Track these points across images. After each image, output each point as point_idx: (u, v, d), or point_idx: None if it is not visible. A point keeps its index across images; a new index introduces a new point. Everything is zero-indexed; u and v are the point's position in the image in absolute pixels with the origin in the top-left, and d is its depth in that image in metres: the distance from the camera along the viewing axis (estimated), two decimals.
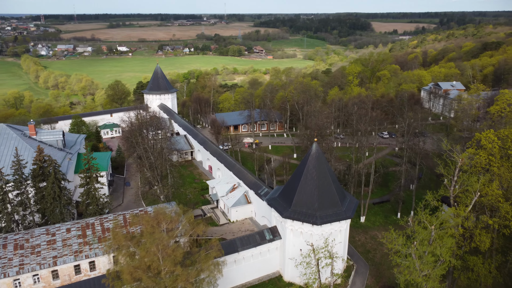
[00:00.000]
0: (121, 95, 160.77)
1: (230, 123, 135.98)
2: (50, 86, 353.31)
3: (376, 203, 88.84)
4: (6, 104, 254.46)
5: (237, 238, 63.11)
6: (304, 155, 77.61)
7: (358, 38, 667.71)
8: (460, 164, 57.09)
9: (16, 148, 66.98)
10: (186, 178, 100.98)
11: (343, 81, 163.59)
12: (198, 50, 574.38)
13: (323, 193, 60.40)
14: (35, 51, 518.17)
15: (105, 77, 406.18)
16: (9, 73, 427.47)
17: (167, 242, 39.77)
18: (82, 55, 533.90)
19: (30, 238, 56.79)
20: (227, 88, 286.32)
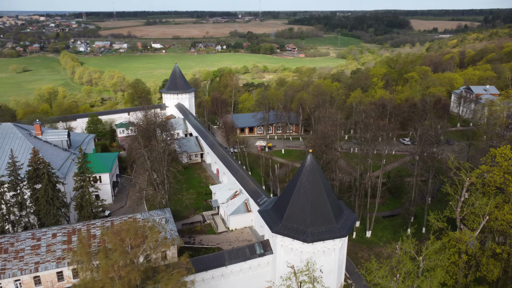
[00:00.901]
0: (141, 94, 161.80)
1: (244, 124, 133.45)
2: (84, 81, 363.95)
3: (386, 216, 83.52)
4: (41, 98, 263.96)
5: (225, 251, 60.46)
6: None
7: (395, 37, 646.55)
8: (468, 184, 51.59)
9: (12, 149, 67.38)
10: (192, 181, 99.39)
11: (366, 83, 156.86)
12: (230, 47, 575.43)
13: (316, 208, 56.55)
14: (74, 47, 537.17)
15: (138, 74, 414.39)
16: (48, 69, 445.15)
17: (125, 262, 37.66)
18: (118, 51, 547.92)
19: (15, 242, 56.59)
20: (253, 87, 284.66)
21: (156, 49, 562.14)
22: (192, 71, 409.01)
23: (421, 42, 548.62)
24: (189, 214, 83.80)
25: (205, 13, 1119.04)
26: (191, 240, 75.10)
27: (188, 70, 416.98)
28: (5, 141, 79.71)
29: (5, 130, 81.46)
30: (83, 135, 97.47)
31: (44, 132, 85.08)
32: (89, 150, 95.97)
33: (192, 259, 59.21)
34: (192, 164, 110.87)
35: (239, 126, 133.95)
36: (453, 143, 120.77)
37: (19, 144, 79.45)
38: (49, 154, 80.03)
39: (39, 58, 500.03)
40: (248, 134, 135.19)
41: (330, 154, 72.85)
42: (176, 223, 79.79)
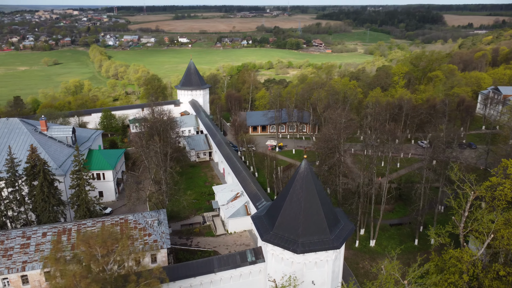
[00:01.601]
0: (156, 89, 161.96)
1: (257, 123, 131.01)
2: (110, 75, 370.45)
3: (394, 224, 79.39)
4: (67, 91, 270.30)
5: (215, 258, 58.51)
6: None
7: (427, 32, 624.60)
8: (472, 198, 47.42)
9: (10, 146, 67.77)
10: (198, 180, 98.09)
11: (387, 82, 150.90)
12: (256, 42, 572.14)
13: (309, 217, 53.67)
14: (103, 41, 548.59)
15: (163, 68, 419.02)
16: (78, 62, 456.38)
17: (85, 272, 36.25)
18: (145, 45, 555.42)
19: (5, 240, 56.66)
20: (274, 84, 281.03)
21: (182, 43, 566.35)
22: (216, 66, 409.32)
23: (454, 38, 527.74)
24: (190, 215, 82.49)
25: (234, 7, 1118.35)
26: (188, 242, 73.77)
27: (213, 65, 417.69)
28: (11, 136, 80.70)
29: (12, 125, 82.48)
30: (90, 131, 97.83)
31: (50, 128, 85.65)
32: (96, 147, 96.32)
33: (180, 265, 57.96)
34: (200, 162, 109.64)
35: (251, 124, 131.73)
36: (475, 147, 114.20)
37: (24, 139, 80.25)
38: (53, 150, 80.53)
39: (69, 52, 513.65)
40: (261, 132, 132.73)
41: (333, 159, 69.48)
42: (175, 223, 78.93)
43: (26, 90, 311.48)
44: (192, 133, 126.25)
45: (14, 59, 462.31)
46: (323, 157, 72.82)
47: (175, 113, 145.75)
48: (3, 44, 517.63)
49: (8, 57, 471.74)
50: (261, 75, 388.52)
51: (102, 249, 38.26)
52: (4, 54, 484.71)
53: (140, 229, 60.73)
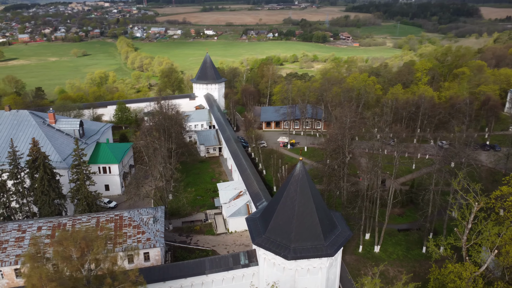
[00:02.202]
0: (173, 82, 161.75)
1: (271, 118, 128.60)
2: (136, 67, 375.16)
3: (402, 229, 75.76)
4: (93, 82, 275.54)
5: (207, 259, 57.24)
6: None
7: (461, 26, 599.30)
8: (477, 210, 43.85)
9: (12, 139, 68.49)
10: (205, 176, 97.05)
11: (409, 78, 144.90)
12: (282, 35, 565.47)
13: (302, 222, 51.41)
14: (131, 33, 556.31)
15: (188, 60, 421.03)
16: (105, 54, 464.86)
17: (53, 275, 35.41)
18: (172, 37, 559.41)
19: (1, 233, 57.30)
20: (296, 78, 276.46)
21: (208, 35, 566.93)
22: (240, 58, 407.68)
23: (490, 32, 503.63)
24: (192, 212, 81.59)
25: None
26: (188, 240, 72.87)
27: (237, 58, 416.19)
28: (19, 128, 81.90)
29: (21, 118, 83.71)
30: (100, 125, 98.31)
31: (58, 120, 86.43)
32: (106, 140, 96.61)
33: (171, 265, 57.09)
34: (209, 157, 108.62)
35: (265, 120, 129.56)
36: (499, 149, 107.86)
37: (32, 132, 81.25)
38: (59, 143, 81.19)
39: (98, 43, 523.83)
40: (274, 128, 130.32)
41: (337, 160, 66.58)
42: (176, 220, 78.24)
43: (55, 81, 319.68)
44: (205, 127, 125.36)
45: (45, 50, 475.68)
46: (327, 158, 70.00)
47: (190, 106, 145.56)
48: (36, 35, 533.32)
49: (40, 48, 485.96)
50: (285, 68, 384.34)
51: (77, 250, 37.44)
52: (36, 45, 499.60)
53: (134, 226, 60.18)
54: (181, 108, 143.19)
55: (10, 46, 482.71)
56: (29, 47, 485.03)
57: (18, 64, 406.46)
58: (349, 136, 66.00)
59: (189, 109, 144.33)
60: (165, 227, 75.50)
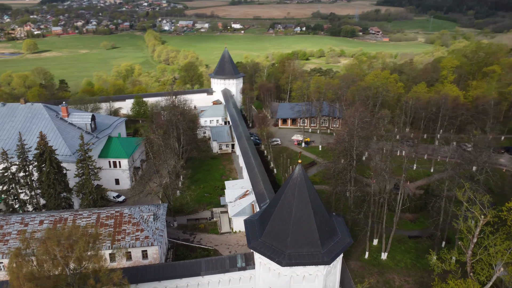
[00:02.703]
0: (192, 77, 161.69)
1: (286, 115, 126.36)
2: (162, 60, 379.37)
3: (413, 236, 72.47)
4: (119, 75, 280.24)
5: (203, 260, 56.38)
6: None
7: (499, 20, 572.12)
8: (483, 223, 40.80)
9: (20, 132, 69.64)
10: (214, 173, 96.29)
11: (434, 76, 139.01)
12: (309, 29, 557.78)
13: (299, 227, 49.57)
14: (159, 26, 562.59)
15: (213, 54, 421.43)
16: (133, 46, 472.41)
17: (30, 275, 35.20)
18: (199, 31, 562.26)
19: (5, 225, 58.36)
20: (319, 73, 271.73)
21: (235, 29, 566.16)
22: (265, 53, 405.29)
23: None
24: (199, 209, 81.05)
25: None
26: (191, 238, 72.36)
27: (262, 52, 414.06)
28: (33, 121, 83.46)
29: (35, 111, 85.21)
30: (113, 119, 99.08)
31: (71, 114, 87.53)
32: (119, 134, 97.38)
33: (167, 265, 56.56)
34: (222, 154, 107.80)
35: (281, 117, 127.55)
36: None
37: (44, 125, 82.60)
38: (70, 137, 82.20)
39: (127, 36, 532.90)
40: (290, 125, 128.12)
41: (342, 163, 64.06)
42: (182, 217, 77.87)
43: (84, 73, 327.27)
44: (220, 123, 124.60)
45: (77, 42, 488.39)
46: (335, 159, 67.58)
47: (208, 101, 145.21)
48: (69, 28, 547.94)
49: (72, 40, 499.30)
50: (311, 63, 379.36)
51: (60, 250, 37.21)
52: (68, 37, 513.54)
53: (134, 223, 60.00)
54: (196, 103, 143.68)
55: (44, 38, 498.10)
56: (61, 40, 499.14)
57: (50, 56, 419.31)
58: (357, 137, 63.21)
59: (207, 104, 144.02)
60: (170, 224, 75.52)
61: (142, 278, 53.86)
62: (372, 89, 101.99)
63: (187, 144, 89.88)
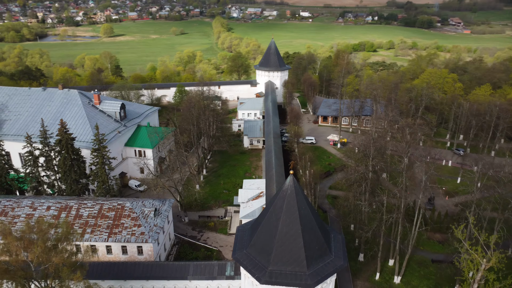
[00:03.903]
0: (239, 67, 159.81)
1: (327, 112, 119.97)
2: (225, 47, 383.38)
3: (437, 260, 64.58)
4: (181, 61, 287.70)
5: (192, 264, 54.69)
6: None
7: None
8: (485, 268, 34.12)
9: (42, 119, 72.63)
10: (239, 170, 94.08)
11: (503, 78, 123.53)
12: (382, 19, 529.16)
13: (285, 244, 45.61)
14: (228, 13, 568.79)
15: (277, 42, 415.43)
16: (201, 33, 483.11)
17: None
18: (266, 18, 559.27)
19: (16, 208, 61.27)
20: (383, 67, 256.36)
21: (303, 17, 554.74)
22: (331, 43, 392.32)
23: None
24: (213, 206, 79.66)
25: None
26: (199, 236, 71.27)
27: (327, 42, 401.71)
28: (67, 107, 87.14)
29: (70, 97, 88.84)
30: (146, 108, 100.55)
31: (102, 101, 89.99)
32: (152, 123, 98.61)
33: (155, 264, 55.55)
34: (252, 149, 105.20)
35: (321, 114, 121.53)
36: None
37: (76, 111, 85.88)
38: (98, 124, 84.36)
39: (197, 22, 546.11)
40: (331, 123, 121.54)
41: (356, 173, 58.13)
42: (193, 213, 77.00)
43: (151, 57, 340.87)
44: (258, 117, 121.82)
45: (149, 27, 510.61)
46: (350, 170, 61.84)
47: (251, 93, 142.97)
48: (144, 13, 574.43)
49: (145, 25, 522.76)
50: (378, 55, 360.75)
51: (18, 248, 37.47)
52: (142, 23, 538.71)
53: (132, 218, 59.94)
54: (240, 94, 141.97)
55: (121, 23, 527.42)
56: (135, 24, 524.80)
57: (123, 40, 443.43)
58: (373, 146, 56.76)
59: (250, 96, 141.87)
60: (182, 219, 75.08)
61: (130, 275, 53.67)
62: (416, 90, 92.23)
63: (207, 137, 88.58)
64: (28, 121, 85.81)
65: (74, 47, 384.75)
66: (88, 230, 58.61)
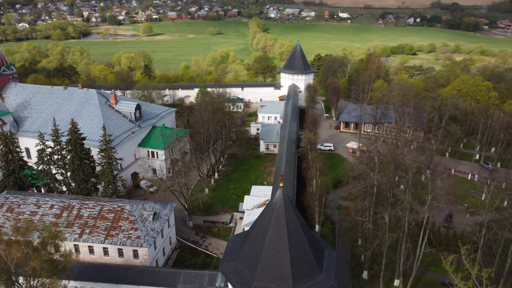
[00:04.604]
0: (264, 70, 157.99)
1: (349, 119, 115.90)
2: (259, 48, 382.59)
3: (446, 284, 59.94)
4: (214, 61, 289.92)
5: (183, 272, 53.78)
6: None
7: None
8: None
9: (54, 118, 74.20)
10: (251, 174, 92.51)
11: None
12: (424, 21, 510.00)
13: (271, 260, 43.58)
14: (265, 13, 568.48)
15: (313, 44, 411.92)
16: (237, 33, 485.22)
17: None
18: (304, 19, 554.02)
19: (22, 204, 62.82)
20: (420, 72, 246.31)
21: (341, 18, 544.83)
22: (368, 45, 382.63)
23: None
24: (220, 211, 78.63)
25: None
26: (201, 241, 70.44)
27: (365, 44, 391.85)
28: (84, 106, 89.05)
29: (88, 96, 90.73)
30: (163, 109, 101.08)
31: (119, 101, 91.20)
32: (167, 124, 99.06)
33: (146, 269, 55.02)
34: (267, 154, 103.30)
35: (343, 120, 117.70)
36: None
37: (92, 110, 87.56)
38: (112, 124, 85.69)
39: (234, 22, 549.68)
40: (353, 130, 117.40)
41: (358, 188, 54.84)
42: (198, 217, 76.34)
43: (186, 56, 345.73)
44: (279, 121, 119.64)
45: (187, 27, 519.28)
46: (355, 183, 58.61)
47: (274, 96, 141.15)
48: (183, 13, 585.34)
49: (183, 25, 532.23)
50: (417, 59, 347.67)
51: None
52: (181, 22, 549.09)
53: (130, 221, 59.88)
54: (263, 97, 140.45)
55: (160, 22, 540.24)
56: (174, 24, 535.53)
57: (161, 39, 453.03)
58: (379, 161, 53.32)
59: (273, 98, 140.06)
60: (187, 223, 74.58)
61: (123, 279, 53.55)
62: (440, 99, 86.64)
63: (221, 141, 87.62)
64: (48, 119, 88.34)
65: (114, 45, 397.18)
66: (86, 231, 59.13)
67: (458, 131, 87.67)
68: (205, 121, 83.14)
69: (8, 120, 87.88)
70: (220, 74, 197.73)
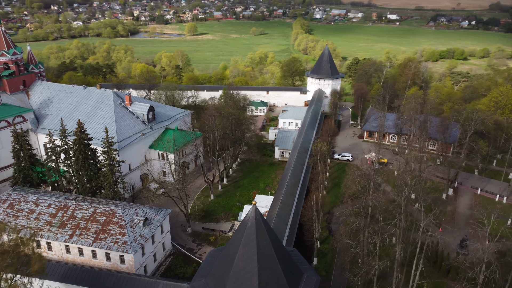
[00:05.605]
0: (292, 73, 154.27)
1: (369, 128, 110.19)
2: (301, 49, 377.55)
3: None
4: (252, 62, 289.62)
5: (162, 282, 52.47)
6: None
7: None
8: None
9: (62, 118, 75.73)
10: (260, 182, 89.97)
11: None
12: (479, 24, 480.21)
13: (239, 280, 41.32)
14: (311, 14, 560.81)
15: (356, 46, 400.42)
16: (280, 34, 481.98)
17: None
18: (350, 20, 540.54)
19: (22, 202, 64.55)
20: (466, 79, 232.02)
21: (389, 20, 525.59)
22: (416, 48, 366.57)
23: None
24: (221, 218, 76.96)
25: None
26: (196, 249, 69.15)
27: (412, 47, 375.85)
28: (100, 106, 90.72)
29: (105, 96, 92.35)
30: (178, 111, 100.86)
31: (133, 103, 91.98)
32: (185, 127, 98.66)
33: (126, 276, 54.32)
34: (282, 161, 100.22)
35: (367, 129, 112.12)
36: None
37: (106, 111, 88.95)
38: (124, 125, 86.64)
39: (278, 23, 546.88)
40: (376, 140, 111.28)
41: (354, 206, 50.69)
42: (198, 223, 75.17)
43: (227, 56, 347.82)
44: (299, 127, 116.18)
45: (231, 27, 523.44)
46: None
47: (299, 101, 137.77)
48: (228, 13, 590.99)
49: (228, 25, 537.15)
50: (468, 64, 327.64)
51: None
52: (225, 22, 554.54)
53: (120, 225, 59.64)
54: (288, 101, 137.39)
55: (205, 22, 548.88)
56: (219, 24, 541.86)
57: (205, 39, 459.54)
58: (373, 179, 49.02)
59: (298, 103, 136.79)
60: (185, 229, 73.63)
61: (103, 284, 53.26)
62: (465, 113, 79.23)
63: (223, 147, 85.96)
64: (66, 117, 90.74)
65: (159, 44, 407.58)
66: (77, 233, 59.62)
67: (485, 147, 79.97)
68: (211, 127, 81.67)
69: (29, 117, 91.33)
70: (252, 76, 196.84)
